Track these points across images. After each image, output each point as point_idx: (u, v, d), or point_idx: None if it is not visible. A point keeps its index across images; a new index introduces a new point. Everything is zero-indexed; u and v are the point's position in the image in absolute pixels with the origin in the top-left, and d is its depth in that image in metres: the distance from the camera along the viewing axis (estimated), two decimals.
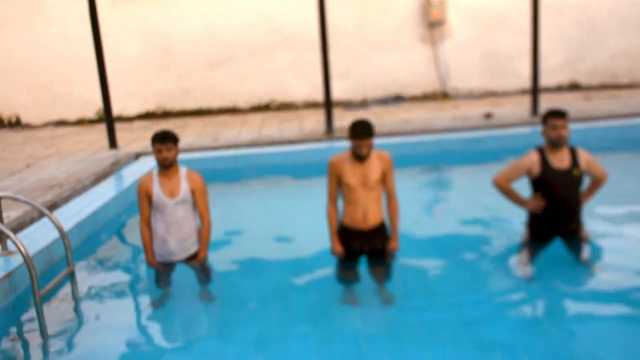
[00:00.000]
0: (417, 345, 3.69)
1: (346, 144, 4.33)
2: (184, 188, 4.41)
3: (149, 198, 4.41)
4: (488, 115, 10.54)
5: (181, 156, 4.58)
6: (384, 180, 4.41)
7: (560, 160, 4.57)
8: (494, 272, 4.75)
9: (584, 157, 4.66)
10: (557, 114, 4.59)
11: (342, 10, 13.22)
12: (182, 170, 4.49)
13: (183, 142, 9.54)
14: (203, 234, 4.55)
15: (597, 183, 4.72)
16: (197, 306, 4.44)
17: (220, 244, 5.52)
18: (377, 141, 3.87)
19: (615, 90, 14.35)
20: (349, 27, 13.47)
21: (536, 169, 4.57)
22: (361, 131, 4.18)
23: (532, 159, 4.60)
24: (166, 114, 13.26)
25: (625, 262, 4.72)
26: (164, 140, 4.34)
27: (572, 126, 9.37)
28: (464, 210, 6.34)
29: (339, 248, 4.42)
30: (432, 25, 13.79)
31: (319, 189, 7.86)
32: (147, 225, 4.48)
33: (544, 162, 4.57)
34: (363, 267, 4.55)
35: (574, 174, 4.55)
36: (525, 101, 10.93)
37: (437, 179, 8.38)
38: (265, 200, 7.36)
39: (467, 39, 13.99)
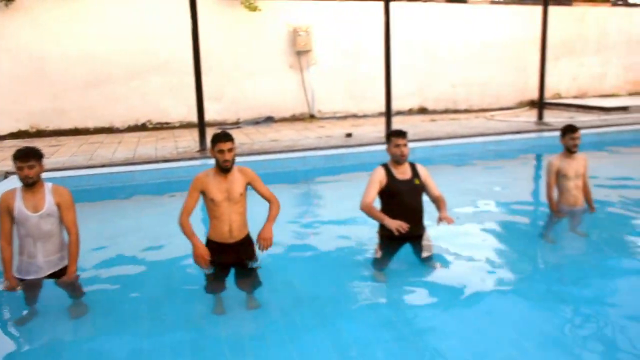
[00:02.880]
0: (281, 345, 3.62)
1: None
2: (48, 201, 3.98)
3: (10, 213, 3.93)
4: (348, 135, 10.67)
5: (55, 174, 4.18)
6: (257, 189, 4.30)
7: (403, 172, 4.78)
8: (352, 276, 4.74)
9: (422, 170, 4.90)
10: (398, 134, 4.79)
11: (216, 36, 12.93)
12: (48, 185, 4.06)
13: (57, 161, 8.86)
14: (71, 249, 4.09)
15: (439, 200, 4.83)
16: (66, 322, 4.04)
17: (93, 260, 5.15)
18: (248, 159, 3.81)
19: (455, 114, 15.16)
20: (223, 53, 13.19)
21: (384, 180, 4.69)
22: (222, 135, 4.15)
23: (381, 172, 4.74)
24: (40, 133, 12.19)
25: (459, 259, 4.98)
26: (26, 158, 3.90)
27: (421, 144, 9.80)
28: (328, 220, 6.32)
29: (203, 248, 4.04)
30: (300, 53, 13.84)
31: None
32: (7, 242, 3.97)
33: (390, 174, 4.74)
34: (231, 278, 4.37)
35: (416, 182, 4.77)
36: (382, 122, 11.18)
37: (303, 193, 8.30)
38: (139, 216, 6.96)
39: (331, 66, 14.20)
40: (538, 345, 3.56)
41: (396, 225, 4.41)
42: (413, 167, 4.86)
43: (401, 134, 4.77)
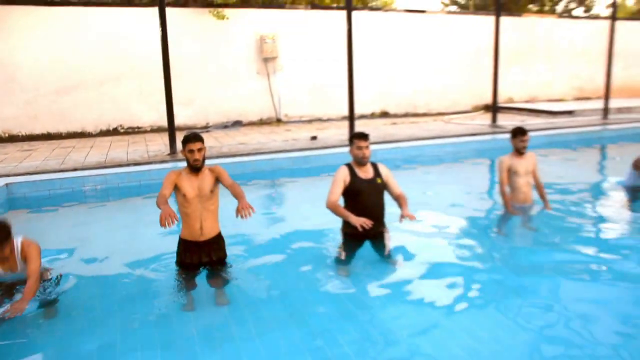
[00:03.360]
0: (250, 339, 3.65)
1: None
2: (19, 261, 3.97)
3: None
4: (314, 138, 10.81)
5: (28, 178, 4.11)
6: (223, 182, 4.37)
7: (365, 172, 4.87)
8: (317, 272, 4.78)
9: (383, 170, 4.98)
10: (361, 136, 4.87)
11: (186, 43, 12.96)
12: (17, 243, 3.96)
13: (29, 165, 8.77)
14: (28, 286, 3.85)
15: (401, 198, 4.92)
16: (38, 322, 3.97)
17: (65, 261, 5.14)
18: (217, 161, 3.81)
19: (415, 117, 15.45)
20: (193, 59, 13.21)
21: (348, 179, 4.79)
22: (191, 136, 4.29)
23: (344, 172, 4.84)
24: (12, 138, 12.01)
25: (417, 255, 5.04)
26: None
27: (382, 146, 9.98)
28: (294, 219, 6.40)
29: (170, 210, 3.79)
30: (266, 60, 13.94)
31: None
32: None
33: (353, 174, 4.83)
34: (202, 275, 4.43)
35: (378, 182, 4.86)
36: (345, 126, 11.35)
37: (270, 193, 8.39)
38: (111, 218, 6.92)
39: (297, 72, 14.35)
40: (490, 334, 3.68)
41: (360, 222, 4.49)
42: (375, 167, 4.94)
43: (363, 136, 4.86)
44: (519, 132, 5.83)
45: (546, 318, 3.90)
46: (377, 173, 4.91)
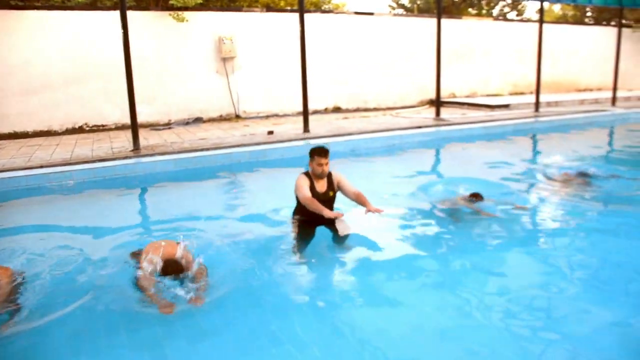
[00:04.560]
0: (214, 337, 3.55)
1: (149, 160, 4.13)
2: None
3: None
4: (270, 132, 10.76)
5: None
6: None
7: (321, 185, 4.97)
8: (276, 260, 4.75)
9: (336, 179, 5.03)
10: (322, 153, 4.85)
11: (148, 44, 12.70)
12: None
13: None
14: None
15: (359, 197, 4.93)
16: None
17: (30, 256, 4.91)
18: (178, 156, 3.65)
19: (365, 112, 15.56)
20: (154, 59, 12.95)
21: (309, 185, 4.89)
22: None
23: (306, 179, 4.92)
24: None
25: (366, 240, 5.08)
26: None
27: (335, 139, 10.01)
28: (254, 211, 6.35)
29: None
30: (225, 59, 13.78)
31: (127, 199, 7.44)
32: None
33: (312, 184, 4.91)
34: None
35: (330, 195, 4.98)
36: (300, 120, 11.34)
37: (229, 187, 8.30)
38: (76, 214, 6.70)
39: (254, 71, 14.25)
40: (435, 310, 3.78)
41: (333, 215, 4.60)
42: (330, 178, 5.00)
43: (324, 153, 4.83)
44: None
45: (487, 295, 4.02)
46: (330, 186, 4.97)
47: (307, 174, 4.93)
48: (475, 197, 5.94)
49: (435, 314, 3.75)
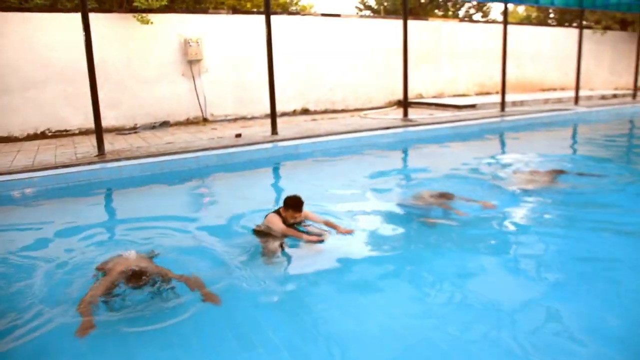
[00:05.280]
0: (184, 343, 3.54)
1: (115, 165, 4.08)
2: None
3: None
4: (238, 135, 10.72)
5: None
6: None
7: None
8: (243, 263, 4.73)
9: (303, 214, 5.15)
10: (297, 208, 5.01)
11: (111, 47, 12.49)
12: None
13: None
14: None
15: (328, 223, 5.23)
16: None
17: None
18: (145, 161, 3.63)
19: (333, 113, 15.63)
20: (119, 62, 12.74)
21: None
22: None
23: (277, 217, 5.07)
24: None
25: (333, 240, 5.08)
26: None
27: (304, 141, 10.02)
28: (221, 213, 6.33)
29: None
30: (191, 62, 13.66)
31: (92, 206, 7.31)
32: None
33: (283, 220, 5.06)
34: None
35: (299, 222, 5.16)
36: (268, 123, 11.33)
37: (197, 190, 8.23)
38: (39, 221, 6.56)
39: (221, 74, 14.16)
40: (402, 310, 3.85)
41: (315, 239, 4.86)
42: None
43: (299, 207, 5.00)
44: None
45: (452, 292, 4.11)
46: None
47: (277, 212, 5.10)
48: (445, 196, 6.04)
49: (404, 315, 3.81)
